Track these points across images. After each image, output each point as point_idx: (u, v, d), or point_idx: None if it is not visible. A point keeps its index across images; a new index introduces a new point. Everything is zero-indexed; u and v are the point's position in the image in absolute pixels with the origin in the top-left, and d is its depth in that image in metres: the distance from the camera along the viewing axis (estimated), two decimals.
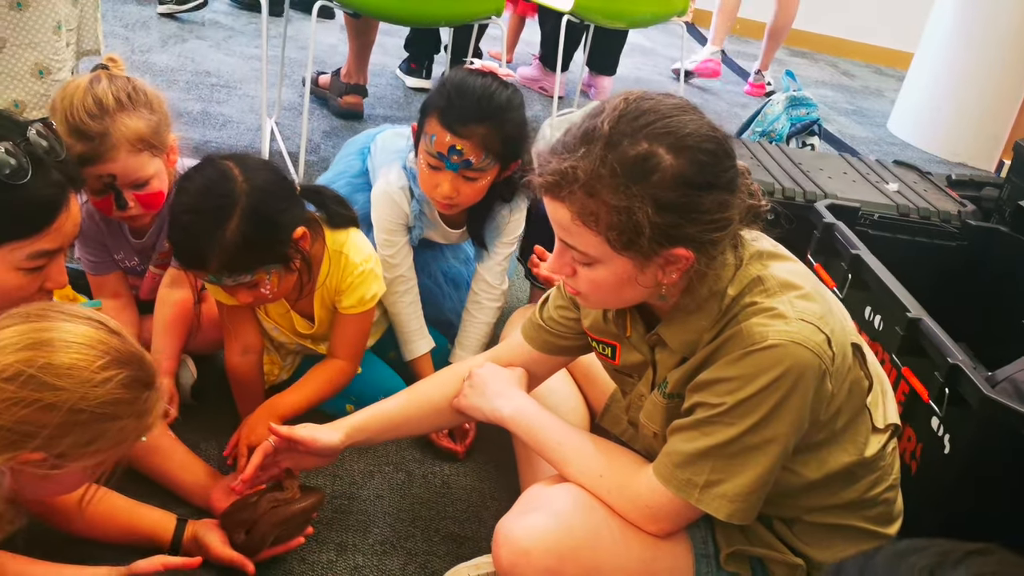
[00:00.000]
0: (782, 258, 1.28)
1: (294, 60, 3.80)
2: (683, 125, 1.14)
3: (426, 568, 1.57)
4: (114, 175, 1.62)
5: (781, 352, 1.15)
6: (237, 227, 1.47)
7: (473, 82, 1.70)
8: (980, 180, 2.71)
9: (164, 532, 1.46)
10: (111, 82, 1.62)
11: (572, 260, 1.22)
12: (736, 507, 1.21)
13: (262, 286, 1.55)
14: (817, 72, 5.65)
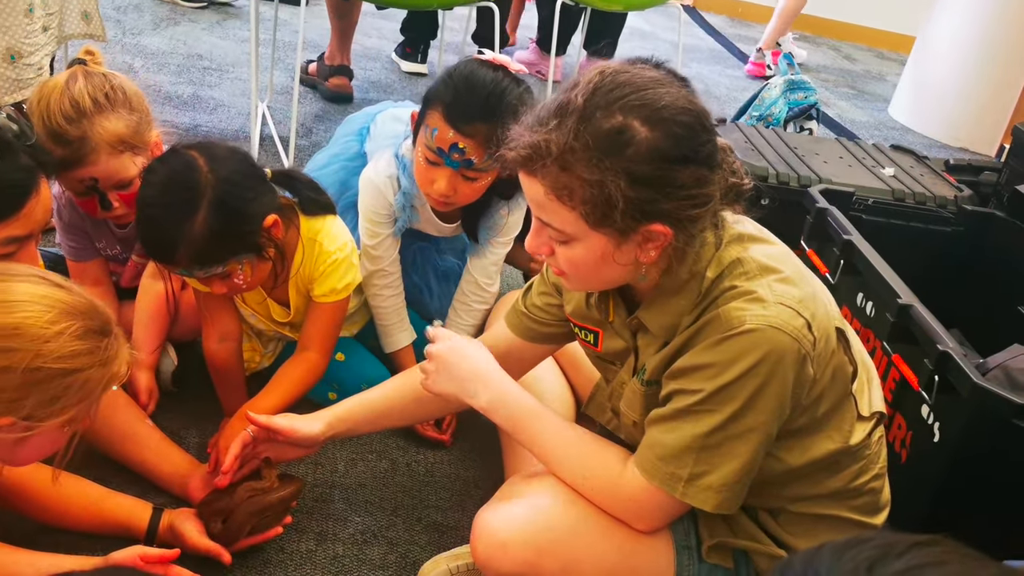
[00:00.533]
0: (763, 241, 1.25)
1: (287, 44, 3.77)
2: (659, 98, 1.11)
3: (407, 558, 1.55)
4: (96, 178, 1.59)
5: (759, 337, 1.13)
6: (204, 219, 1.43)
7: (483, 76, 1.61)
8: (979, 165, 2.67)
9: (139, 521, 1.44)
10: (87, 81, 1.58)
11: (549, 238, 1.19)
12: (722, 497, 1.18)
13: (235, 276, 1.52)
14: (819, 56, 5.60)
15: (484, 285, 1.91)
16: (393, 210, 1.81)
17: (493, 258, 1.89)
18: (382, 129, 1.93)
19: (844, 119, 4.40)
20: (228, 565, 1.42)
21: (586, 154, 1.09)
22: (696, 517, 1.33)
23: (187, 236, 1.43)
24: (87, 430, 1.49)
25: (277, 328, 1.77)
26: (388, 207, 1.80)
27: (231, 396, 1.71)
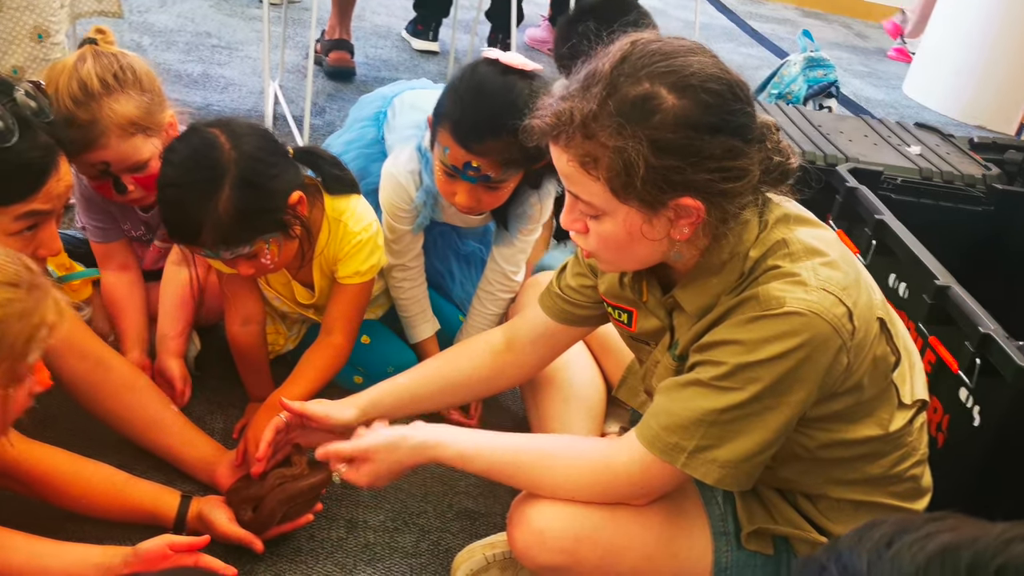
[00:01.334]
0: (810, 223, 1.21)
1: (295, 20, 3.72)
2: (688, 65, 1.08)
3: (439, 545, 1.52)
4: (107, 162, 1.56)
5: (797, 321, 1.09)
6: (229, 198, 1.40)
7: (491, 88, 1.52)
8: (1003, 143, 2.63)
9: (167, 509, 1.42)
10: (96, 62, 1.53)
11: (581, 214, 1.16)
12: (726, 472, 1.14)
13: (262, 256, 1.49)
14: (831, 33, 5.54)
15: (510, 274, 1.87)
16: (415, 205, 1.75)
17: (521, 246, 1.84)
18: (401, 119, 1.86)
19: (859, 97, 4.35)
20: (260, 553, 1.39)
21: (610, 121, 1.06)
22: (734, 503, 1.31)
23: (211, 216, 1.39)
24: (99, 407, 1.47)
25: (301, 311, 1.73)
26: (410, 202, 1.75)
27: (255, 380, 1.68)
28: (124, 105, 1.54)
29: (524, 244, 1.84)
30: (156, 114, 1.58)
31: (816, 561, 0.63)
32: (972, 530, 0.58)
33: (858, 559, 0.59)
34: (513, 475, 1.27)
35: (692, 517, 1.29)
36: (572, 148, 1.10)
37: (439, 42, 3.80)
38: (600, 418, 1.66)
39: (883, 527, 0.61)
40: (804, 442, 1.21)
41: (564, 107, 1.10)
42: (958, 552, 0.56)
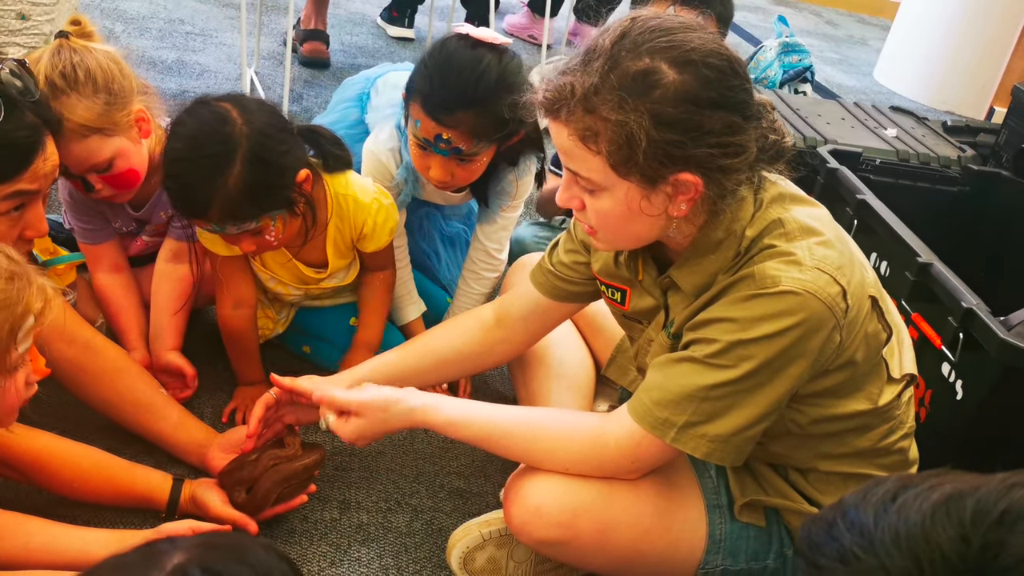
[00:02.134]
0: (805, 202, 1.23)
1: (271, 8, 3.68)
2: (688, 40, 1.09)
3: (432, 524, 1.53)
4: (64, 164, 1.49)
5: (792, 300, 1.10)
6: (239, 173, 1.39)
7: (460, 60, 1.52)
8: (975, 126, 2.68)
9: (160, 493, 1.41)
10: (50, 60, 1.47)
11: (579, 190, 1.16)
12: (715, 447, 1.15)
13: (267, 233, 1.48)
14: (802, 21, 5.59)
15: (493, 252, 1.88)
16: (396, 183, 1.76)
17: (503, 223, 1.85)
18: (383, 98, 1.86)
19: (831, 84, 4.40)
20: (254, 535, 1.39)
21: (611, 95, 1.07)
22: (727, 476, 1.32)
23: (221, 191, 1.38)
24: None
25: (305, 286, 1.72)
26: (391, 180, 1.75)
27: (244, 364, 1.67)
28: (71, 109, 1.46)
29: (506, 222, 1.85)
30: (113, 114, 1.52)
31: (823, 519, 0.64)
32: (973, 480, 0.60)
33: (864, 514, 0.61)
34: (505, 445, 1.27)
35: (686, 491, 1.31)
36: (572, 122, 1.10)
37: (415, 29, 3.79)
38: (589, 397, 1.67)
39: (887, 484, 0.63)
40: (796, 418, 1.23)
41: (564, 81, 1.10)
42: (962, 500, 0.58)
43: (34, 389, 1.13)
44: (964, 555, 0.56)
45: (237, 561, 0.61)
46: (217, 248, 1.58)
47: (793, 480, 1.32)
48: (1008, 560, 0.54)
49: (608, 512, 1.25)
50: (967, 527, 0.56)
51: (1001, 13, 4.06)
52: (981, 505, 0.57)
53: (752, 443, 1.18)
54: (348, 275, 1.74)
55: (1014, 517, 0.56)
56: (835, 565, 0.60)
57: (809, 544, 0.63)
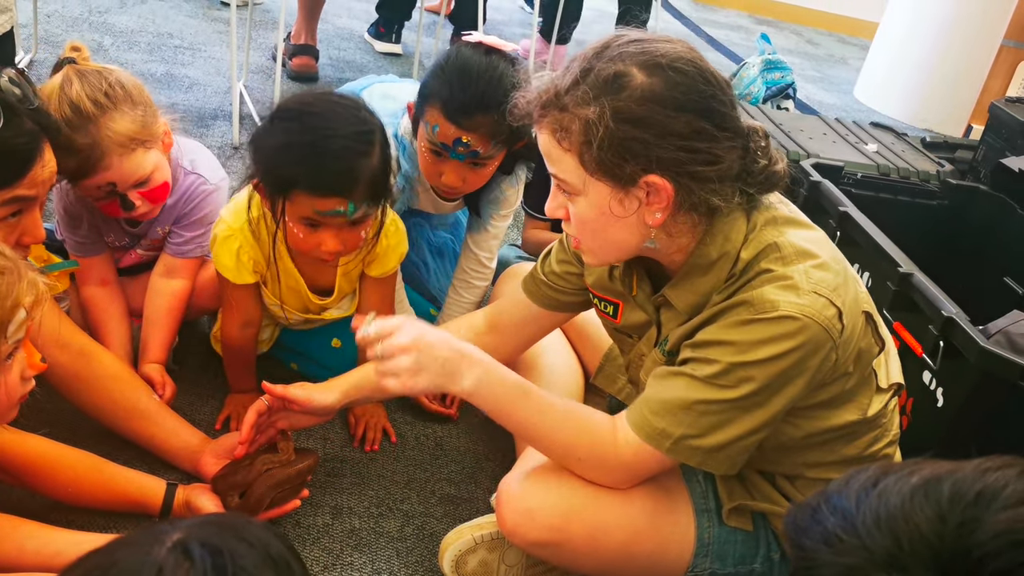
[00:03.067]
0: (801, 224, 1.24)
1: (259, 23, 3.71)
2: (659, 48, 1.14)
3: (424, 530, 1.54)
4: (113, 182, 1.54)
5: (791, 325, 1.12)
6: (379, 153, 1.44)
7: (477, 65, 1.56)
8: (954, 142, 2.73)
9: (154, 497, 1.42)
10: (83, 82, 1.50)
11: (565, 199, 1.20)
12: (709, 456, 1.18)
13: (367, 225, 1.50)
14: (783, 40, 5.67)
15: (484, 260, 1.90)
16: (394, 191, 1.78)
17: (494, 232, 1.88)
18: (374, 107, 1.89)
19: (812, 101, 4.46)
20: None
21: (583, 95, 1.12)
22: (715, 481, 1.34)
23: (369, 168, 1.42)
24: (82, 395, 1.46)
25: (306, 315, 1.72)
26: None
27: (242, 374, 1.69)
28: (120, 123, 1.50)
29: (497, 230, 1.88)
30: (151, 126, 1.56)
31: (809, 504, 0.67)
32: (950, 465, 0.64)
33: (847, 499, 0.64)
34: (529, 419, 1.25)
35: (675, 495, 1.33)
36: (547, 121, 1.16)
37: (402, 44, 3.82)
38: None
39: (868, 471, 0.66)
40: (790, 432, 1.26)
41: (544, 84, 1.16)
42: (940, 483, 0.61)
43: (31, 384, 1.14)
44: (941, 533, 0.58)
45: (236, 538, 0.63)
46: (231, 276, 1.58)
47: (780, 486, 1.34)
48: (982, 537, 0.57)
49: (599, 515, 1.27)
50: (944, 507, 0.59)
51: (978, 34, 4.14)
52: (957, 487, 0.60)
53: (747, 453, 1.21)
54: (350, 307, 1.74)
55: (989, 498, 0.59)
56: (819, 547, 0.62)
57: (795, 528, 0.65)
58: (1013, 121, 2.51)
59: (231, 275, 1.58)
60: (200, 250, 1.73)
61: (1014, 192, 2.15)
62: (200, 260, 1.76)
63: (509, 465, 1.44)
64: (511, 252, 2.21)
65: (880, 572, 0.59)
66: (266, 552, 0.64)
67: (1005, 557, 0.55)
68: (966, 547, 0.57)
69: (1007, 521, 0.57)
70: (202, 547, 0.62)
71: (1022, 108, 2.58)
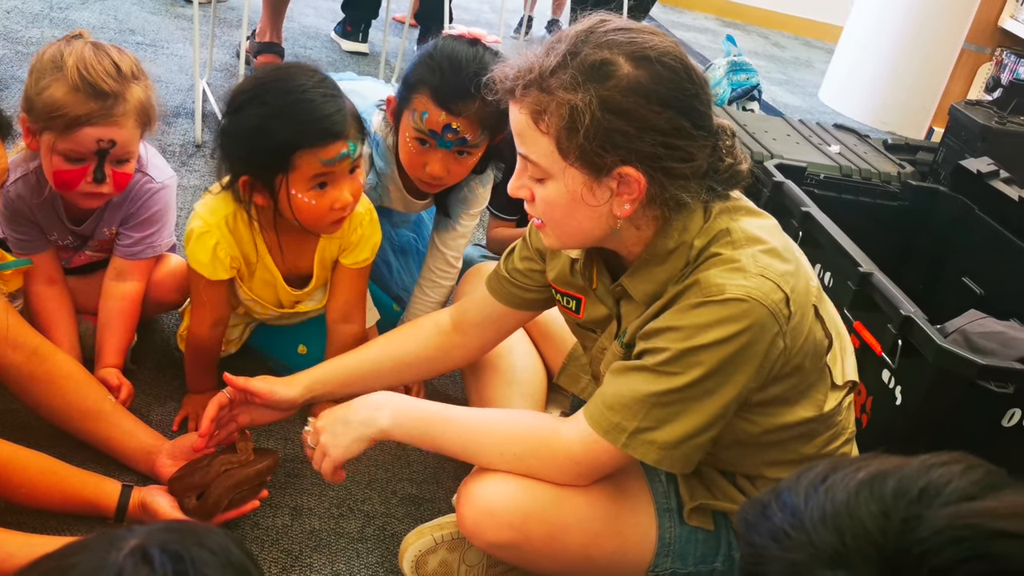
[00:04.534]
0: (755, 213, 1.25)
1: (224, 20, 3.67)
2: (647, 40, 1.13)
3: (384, 530, 1.53)
4: (115, 141, 1.52)
5: (736, 307, 1.13)
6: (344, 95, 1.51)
7: (464, 53, 1.59)
8: (915, 144, 2.77)
9: (108, 499, 1.39)
10: (121, 52, 1.54)
11: (530, 180, 1.19)
12: (665, 454, 1.18)
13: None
14: (750, 43, 5.71)
15: (451, 260, 1.90)
16: (365, 189, 1.76)
17: (462, 231, 1.87)
18: None
19: (778, 103, 4.50)
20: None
21: (568, 78, 1.11)
22: (676, 481, 1.35)
23: (348, 105, 1.49)
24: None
25: (280, 309, 1.71)
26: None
27: (202, 375, 1.66)
28: (144, 95, 1.55)
29: (465, 229, 1.88)
30: (154, 112, 1.59)
31: (759, 501, 0.67)
32: (897, 461, 0.64)
33: (796, 495, 0.64)
34: (455, 441, 1.28)
35: (637, 495, 1.33)
36: (527, 100, 1.14)
37: (368, 44, 3.80)
38: (541, 403, 1.69)
39: (818, 467, 0.66)
40: (747, 428, 1.26)
41: (526, 63, 1.14)
42: (885, 479, 0.61)
43: None
44: (884, 529, 0.58)
45: (197, 544, 0.61)
46: (207, 272, 1.56)
47: (741, 486, 1.34)
48: (925, 532, 0.57)
49: (559, 516, 1.26)
50: (888, 503, 0.59)
51: (939, 38, 4.20)
52: (902, 483, 0.60)
53: (701, 451, 1.21)
54: (322, 299, 1.73)
55: (932, 494, 0.59)
56: (768, 543, 0.62)
57: (745, 525, 0.66)
58: (972, 124, 2.55)
59: (207, 271, 1.57)
60: (151, 251, 1.71)
61: (973, 193, 2.17)
62: (152, 260, 1.73)
63: (471, 466, 1.43)
64: (475, 251, 2.20)
65: (825, 568, 0.59)
66: (227, 558, 0.63)
67: (945, 553, 0.55)
68: (908, 543, 0.57)
69: (948, 517, 0.57)
70: (162, 552, 0.60)
71: (981, 111, 2.61)
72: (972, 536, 0.56)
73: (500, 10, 3.96)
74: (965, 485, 0.59)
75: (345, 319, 1.69)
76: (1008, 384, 1.45)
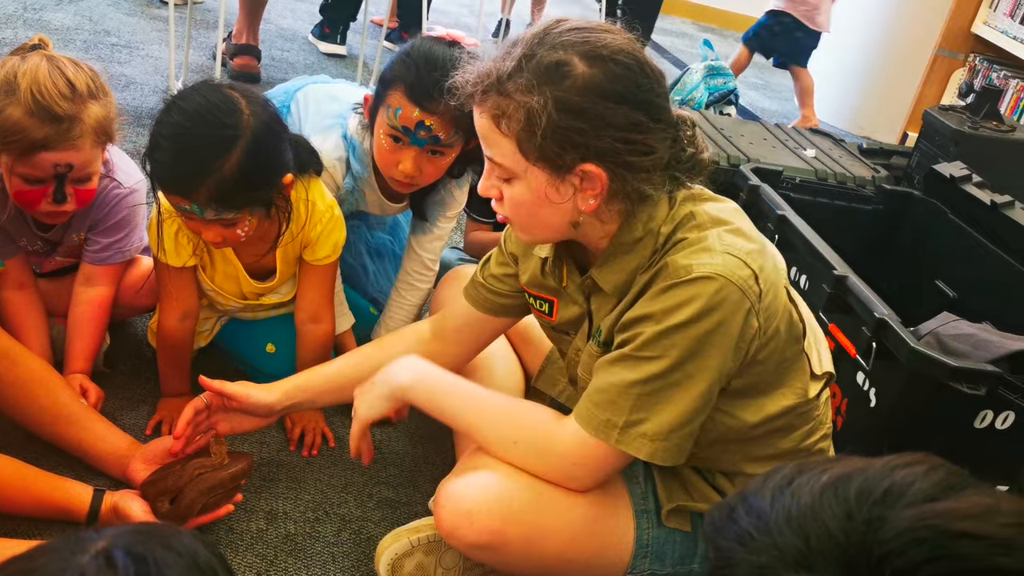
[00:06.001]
0: (716, 199, 1.27)
1: (200, 22, 3.65)
2: (601, 38, 1.15)
3: (361, 534, 1.52)
4: (72, 165, 1.49)
5: (704, 285, 1.14)
6: (237, 161, 1.39)
7: (441, 53, 1.59)
8: (889, 149, 2.79)
9: (80, 503, 1.38)
10: (77, 68, 1.50)
11: (497, 180, 1.21)
12: (657, 446, 1.18)
13: (239, 227, 1.48)
14: (727, 48, 5.73)
15: (428, 263, 1.89)
16: (342, 192, 1.77)
17: (439, 233, 1.87)
18: (316, 108, 1.86)
19: (754, 107, 4.53)
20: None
21: (525, 81, 1.12)
22: (654, 482, 1.35)
23: (216, 174, 1.39)
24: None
25: (245, 302, 1.70)
26: (336, 189, 1.76)
27: (174, 375, 1.65)
28: (101, 112, 1.50)
29: (442, 231, 1.87)
30: (114, 127, 1.55)
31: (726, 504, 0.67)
32: (861, 463, 0.64)
33: (762, 498, 0.64)
34: (474, 417, 1.29)
35: (615, 497, 1.33)
36: (487, 105, 1.16)
37: (346, 46, 3.79)
38: None
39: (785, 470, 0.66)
40: (728, 422, 1.26)
41: (485, 68, 1.16)
42: (849, 480, 0.61)
43: None
44: (848, 531, 0.58)
45: (163, 546, 0.61)
46: (171, 259, 1.56)
47: (719, 485, 1.34)
48: (887, 534, 0.57)
49: (538, 518, 1.26)
50: (852, 505, 0.59)
51: (913, 44, 4.25)
52: (866, 485, 0.60)
53: (690, 440, 1.21)
54: (289, 292, 1.73)
55: (895, 495, 0.59)
56: (734, 546, 0.62)
57: (712, 528, 0.66)
58: (945, 128, 2.57)
59: (170, 258, 1.56)
60: (120, 256, 1.70)
61: (946, 197, 2.19)
62: (122, 266, 1.72)
63: (448, 468, 1.43)
64: (453, 255, 2.20)
65: (790, 571, 0.58)
66: (193, 561, 0.62)
67: (907, 555, 0.56)
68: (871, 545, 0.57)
69: (910, 519, 0.57)
70: (126, 555, 0.60)
71: (954, 116, 2.64)
72: (934, 537, 0.56)
73: (479, 13, 3.96)
74: (927, 486, 0.59)
75: (313, 319, 1.69)
76: (980, 386, 1.47)
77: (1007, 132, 2.63)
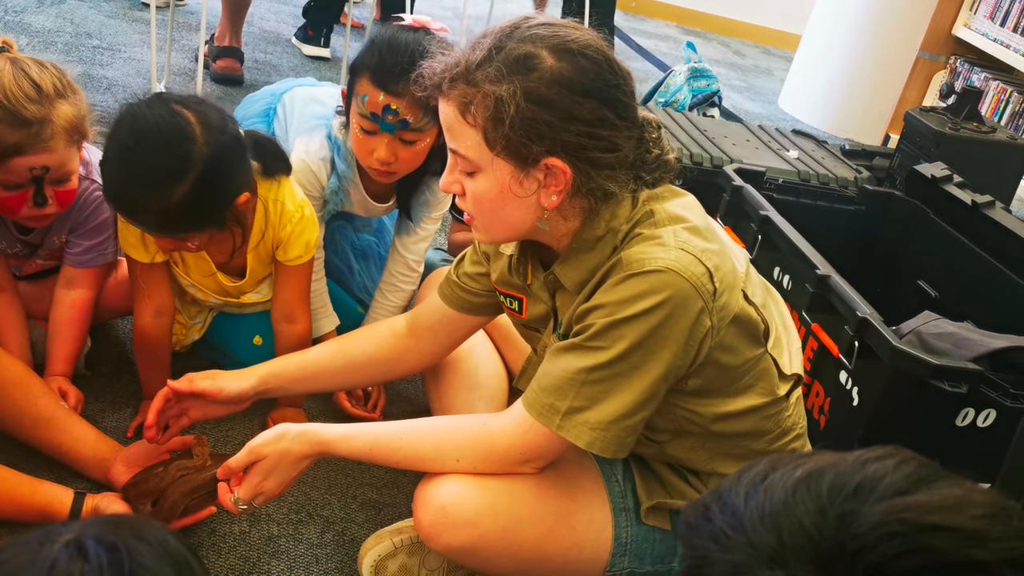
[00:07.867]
0: (677, 194, 1.28)
1: (182, 24, 3.64)
2: (569, 34, 1.16)
3: (344, 536, 1.52)
4: (48, 167, 1.48)
5: (656, 279, 1.14)
6: (185, 193, 1.37)
7: (405, 37, 1.60)
8: (871, 150, 2.81)
9: (60, 507, 1.37)
10: (41, 67, 1.48)
11: (461, 175, 1.21)
12: (597, 436, 1.18)
13: (190, 241, 1.47)
14: (711, 50, 5.76)
15: (412, 264, 1.89)
16: (324, 194, 1.77)
17: (423, 234, 1.87)
18: (301, 110, 1.86)
19: (738, 110, 4.54)
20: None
21: (493, 71, 1.13)
22: (634, 480, 1.35)
23: (161, 203, 1.37)
24: None
25: (222, 297, 1.70)
26: (321, 190, 1.76)
27: (155, 375, 1.64)
28: (71, 111, 1.48)
29: (426, 232, 1.88)
30: (86, 124, 1.54)
31: (700, 503, 0.67)
32: (833, 458, 0.64)
33: (736, 496, 0.64)
34: (396, 452, 1.27)
35: (590, 492, 1.33)
36: (454, 94, 1.16)
37: (330, 48, 3.78)
38: (502, 407, 1.68)
39: (758, 467, 0.66)
40: (692, 417, 1.27)
41: (453, 58, 1.17)
42: (821, 475, 0.62)
43: None
44: (820, 526, 0.58)
45: (133, 535, 0.61)
46: (139, 255, 1.55)
47: (694, 484, 1.35)
48: (860, 528, 0.57)
49: (512, 508, 1.26)
50: (824, 500, 0.59)
51: (895, 47, 4.27)
52: (837, 480, 0.60)
53: (633, 434, 1.21)
54: (269, 291, 1.72)
55: (867, 489, 0.59)
56: (708, 545, 0.62)
57: (687, 527, 0.65)
58: (927, 130, 2.59)
59: (139, 254, 1.55)
60: (101, 258, 1.68)
61: (927, 198, 2.21)
62: (103, 268, 1.71)
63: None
64: (437, 255, 2.20)
65: (764, 568, 0.58)
66: (164, 549, 0.62)
67: (879, 549, 0.56)
68: (843, 540, 0.57)
69: (882, 513, 0.57)
70: (97, 544, 0.60)
71: (935, 117, 2.66)
72: (906, 531, 0.56)
73: (462, 16, 3.96)
74: (899, 479, 0.59)
75: (288, 319, 1.68)
76: (961, 384, 1.48)
77: (987, 133, 2.65)
